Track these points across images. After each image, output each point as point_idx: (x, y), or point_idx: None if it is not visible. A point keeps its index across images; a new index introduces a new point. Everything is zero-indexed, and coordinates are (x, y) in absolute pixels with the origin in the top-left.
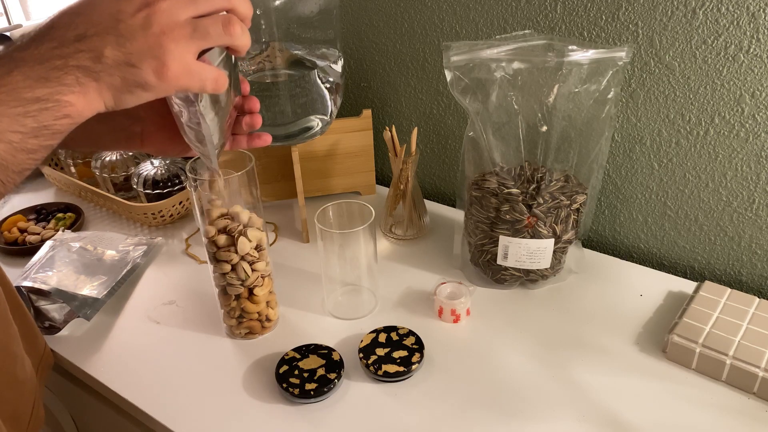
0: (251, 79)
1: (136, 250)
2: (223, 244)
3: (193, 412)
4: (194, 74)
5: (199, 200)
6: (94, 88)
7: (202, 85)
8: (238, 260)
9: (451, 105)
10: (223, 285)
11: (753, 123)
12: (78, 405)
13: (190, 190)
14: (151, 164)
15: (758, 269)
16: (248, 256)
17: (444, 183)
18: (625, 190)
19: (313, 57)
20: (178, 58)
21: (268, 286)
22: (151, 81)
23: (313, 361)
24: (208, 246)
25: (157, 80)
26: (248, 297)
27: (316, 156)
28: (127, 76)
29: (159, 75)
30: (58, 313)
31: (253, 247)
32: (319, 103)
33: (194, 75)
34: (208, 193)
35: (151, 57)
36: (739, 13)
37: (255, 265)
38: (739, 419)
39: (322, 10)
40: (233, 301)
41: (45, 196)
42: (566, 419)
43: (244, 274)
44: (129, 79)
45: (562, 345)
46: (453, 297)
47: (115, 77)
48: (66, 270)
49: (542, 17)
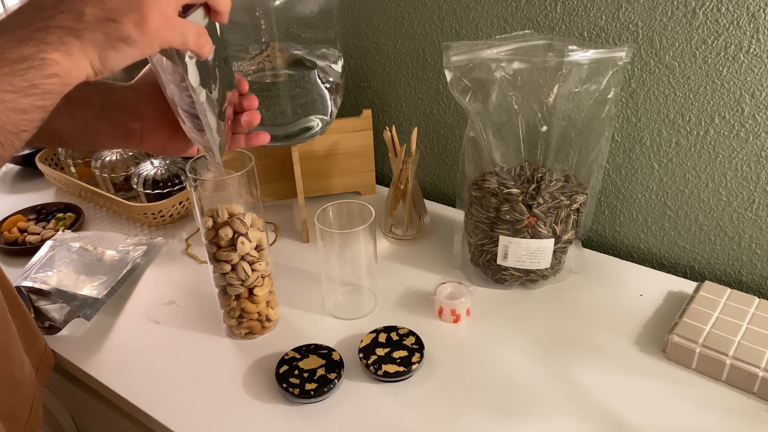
0: (251, 79)
1: (136, 250)
2: (223, 245)
3: (193, 412)
4: (175, 28)
5: (199, 200)
6: (77, 47)
7: (184, 39)
8: (238, 260)
9: (451, 105)
10: (223, 285)
11: (753, 123)
12: (78, 405)
13: (190, 190)
14: (151, 164)
15: (758, 269)
16: (248, 257)
17: (444, 183)
18: (625, 190)
19: (313, 57)
20: (158, 10)
21: (268, 286)
22: (132, 34)
23: (313, 361)
24: (208, 246)
25: (139, 33)
26: (248, 297)
27: (316, 156)
28: (109, 32)
29: (140, 28)
30: (58, 313)
31: (253, 247)
32: (319, 103)
33: (176, 28)
34: (208, 193)
35: (131, 11)
36: (739, 13)
37: (255, 265)
38: (739, 419)
39: (322, 10)
40: (233, 301)
41: (45, 196)
42: (566, 419)
43: (244, 274)
44: (111, 34)
45: (562, 345)
46: (453, 297)
47: (96, 33)
48: (66, 270)
49: (542, 17)
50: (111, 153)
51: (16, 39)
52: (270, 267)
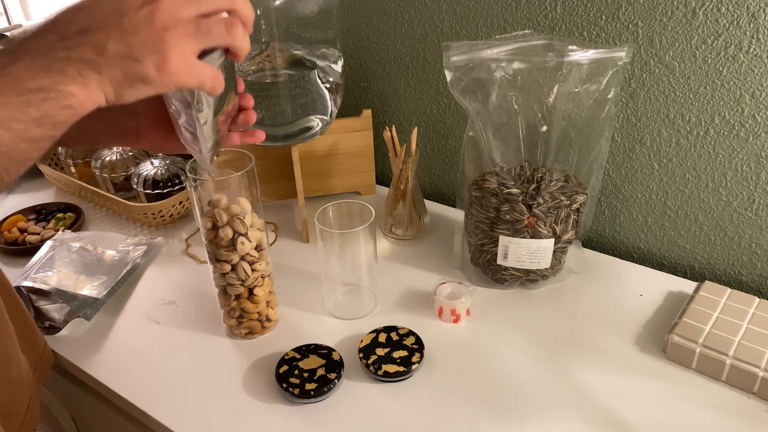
0: (251, 79)
1: (136, 250)
2: (223, 245)
3: (193, 412)
4: (194, 71)
5: (199, 200)
6: (95, 80)
7: (201, 83)
8: (238, 260)
9: (451, 105)
10: (223, 285)
11: (753, 123)
12: (78, 405)
13: (190, 190)
14: (151, 164)
15: (758, 269)
16: (248, 257)
17: (444, 183)
18: (625, 190)
19: (313, 57)
20: (179, 53)
21: (268, 286)
22: (152, 75)
23: (313, 361)
24: (208, 246)
25: (158, 74)
26: (248, 297)
27: (316, 156)
28: (129, 69)
29: (160, 69)
30: (58, 313)
31: (253, 247)
32: (319, 103)
33: (194, 72)
34: (208, 193)
35: (153, 51)
36: (739, 13)
37: (255, 265)
38: (739, 419)
39: (322, 10)
40: (233, 301)
41: (45, 196)
42: (566, 419)
43: (244, 274)
44: (130, 72)
45: (562, 345)
46: (453, 297)
47: (116, 70)
48: (66, 270)
49: (542, 17)
50: (111, 153)
51: (35, 67)
52: (270, 267)
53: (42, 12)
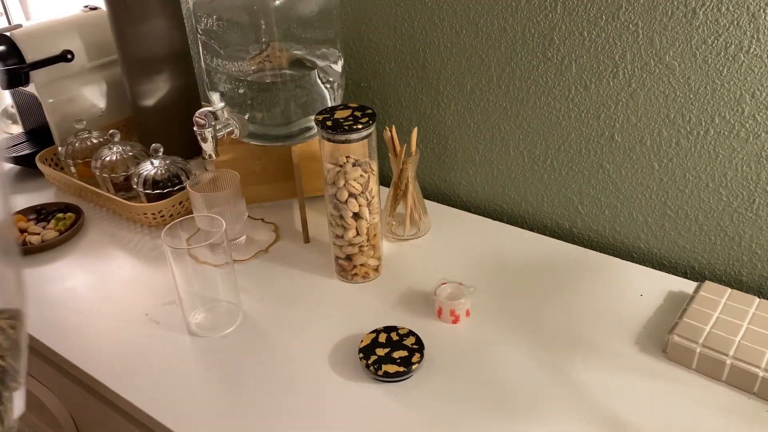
0: (251, 79)
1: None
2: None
3: (193, 412)
4: None
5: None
6: None
7: None
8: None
9: (451, 105)
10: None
11: (753, 123)
12: (78, 405)
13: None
14: (151, 164)
15: (758, 269)
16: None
17: (444, 183)
18: (625, 190)
19: (313, 57)
20: None
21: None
22: None
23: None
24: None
25: None
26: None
27: (316, 156)
28: None
29: None
30: None
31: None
32: (319, 103)
33: None
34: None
35: None
36: (739, 13)
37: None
38: (740, 419)
39: (322, 10)
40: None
41: (45, 196)
42: (566, 419)
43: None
44: None
45: (562, 345)
46: (453, 297)
47: None
48: None
49: (542, 17)
50: (111, 153)
51: None
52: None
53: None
